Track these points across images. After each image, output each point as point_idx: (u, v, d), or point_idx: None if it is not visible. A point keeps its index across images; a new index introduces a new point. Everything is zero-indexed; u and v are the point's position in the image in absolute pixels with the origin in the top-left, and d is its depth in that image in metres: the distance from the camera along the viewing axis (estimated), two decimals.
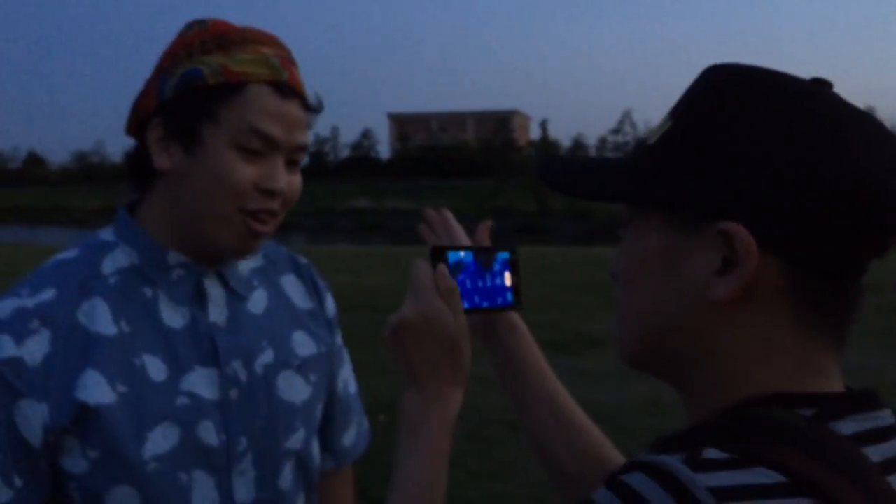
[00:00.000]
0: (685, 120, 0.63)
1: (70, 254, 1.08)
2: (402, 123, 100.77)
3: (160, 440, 1.01)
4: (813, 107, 0.59)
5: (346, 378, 1.30)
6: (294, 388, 1.15)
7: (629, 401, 5.48)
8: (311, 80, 1.10)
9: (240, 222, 1.03)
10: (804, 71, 0.67)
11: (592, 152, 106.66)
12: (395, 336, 0.82)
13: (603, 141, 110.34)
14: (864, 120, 0.61)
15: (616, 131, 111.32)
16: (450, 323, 0.81)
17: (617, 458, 0.94)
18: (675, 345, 0.65)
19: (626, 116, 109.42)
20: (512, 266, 0.92)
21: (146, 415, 1.01)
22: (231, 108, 1.02)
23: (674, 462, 0.55)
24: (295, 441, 1.14)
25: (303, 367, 1.17)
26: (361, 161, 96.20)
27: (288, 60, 1.06)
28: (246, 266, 1.17)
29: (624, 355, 0.70)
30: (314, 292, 1.24)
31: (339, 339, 1.28)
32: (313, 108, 1.10)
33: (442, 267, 0.83)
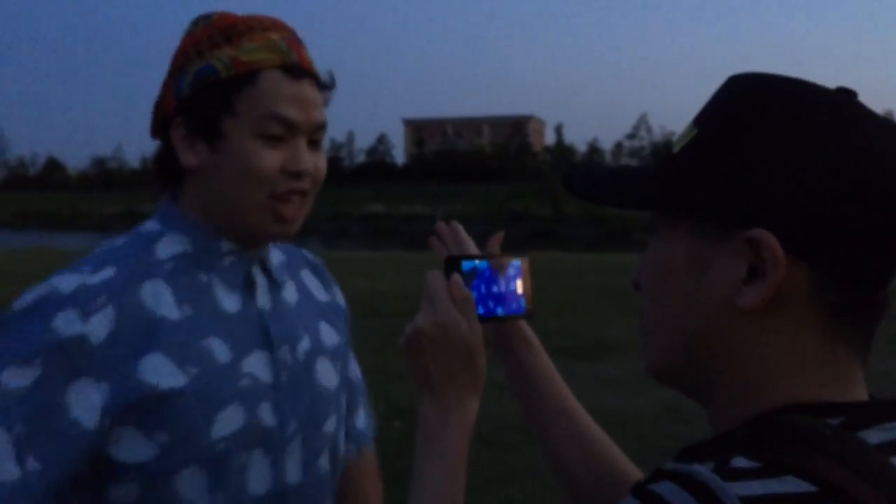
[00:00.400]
0: (710, 128, 0.63)
1: (118, 241, 1.08)
2: (418, 128, 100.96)
3: (228, 421, 1.02)
4: (838, 115, 0.60)
5: (353, 366, 1.34)
6: (328, 375, 1.18)
7: (646, 407, 5.44)
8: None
9: (269, 207, 1.05)
10: (822, 77, 0.68)
11: (608, 157, 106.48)
12: (410, 346, 0.82)
13: (618, 146, 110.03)
14: (890, 128, 0.61)
15: (632, 136, 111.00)
16: (465, 332, 0.81)
17: (633, 471, 0.93)
18: (702, 355, 0.64)
19: (642, 121, 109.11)
20: (524, 274, 0.92)
21: (216, 396, 1.02)
22: (247, 98, 1.03)
23: (704, 471, 0.54)
24: (329, 425, 1.17)
25: (333, 354, 1.20)
26: (377, 166, 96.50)
27: (294, 41, 1.07)
28: (276, 260, 1.19)
29: (651, 368, 0.69)
30: (328, 287, 1.28)
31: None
32: (326, 86, 1.10)
33: (456, 276, 0.83)
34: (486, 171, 79.72)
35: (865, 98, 0.64)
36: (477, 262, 0.87)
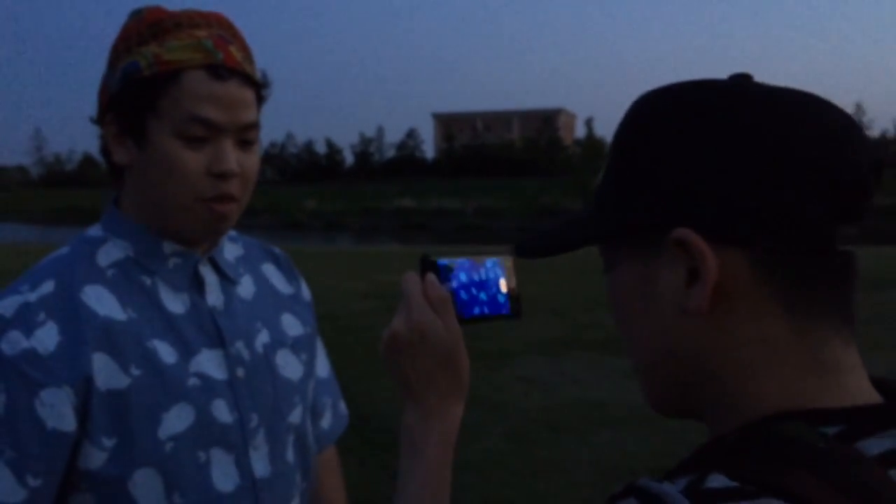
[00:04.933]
0: (616, 151, 0.64)
1: (63, 251, 1.09)
2: (447, 123, 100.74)
3: (175, 420, 1.02)
4: (724, 100, 0.59)
5: (323, 362, 1.33)
6: (291, 366, 1.18)
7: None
8: (355, 81, 1.09)
9: (200, 209, 1.04)
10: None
11: None
12: (388, 352, 0.79)
13: None
14: (782, 98, 0.59)
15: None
16: (442, 333, 0.77)
17: None
18: (680, 373, 0.62)
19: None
20: (508, 272, 0.87)
21: (160, 397, 1.02)
22: (169, 98, 1.01)
23: (671, 491, 0.51)
24: (295, 416, 1.17)
25: (295, 346, 1.20)
26: (406, 161, 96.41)
27: (223, 39, 1.04)
28: (231, 253, 1.19)
29: (652, 406, 0.67)
30: (292, 279, 1.28)
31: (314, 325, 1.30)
32: (256, 84, 1.07)
33: (431, 276, 0.80)
34: (516, 166, 79.27)
35: (838, 94, 0.61)
36: (455, 262, 0.83)
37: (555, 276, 10.59)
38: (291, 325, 1.23)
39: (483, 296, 0.85)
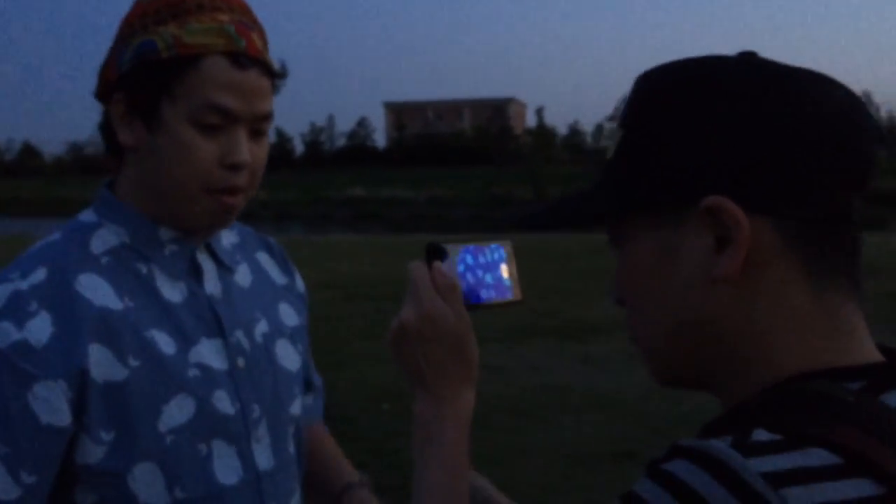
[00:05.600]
0: (633, 125, 0.65)
1: (55, 236, 1.05)
2: (399, 112, 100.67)
3: (175, 412, 1.00)
4: (748, 70, 0.62)
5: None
6: (289, 357, 1.16)
7: (635, 386, 5.46)
8: (306, 70, 1.07)
9: (207, 200, 1.01)
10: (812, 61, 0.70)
11: (589, 139, 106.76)
12: (397, 342, 0.79)
13: (599, 128, 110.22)
14: (790, 71, 0.62)
15: (612, 118, 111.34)
16: (453, 322, 0.78)
17: None
18: (699, 342, 0.63)
19: (622, 103, 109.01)
20: (509, 258, 0.89)
21: (160, 388, 0.99)
22: (186, 84, 0.98)
23: (722, 447, 0.52)
24: (295, 407, 1.16)
25: (292, 336, 1.19)
26: (357, 150, 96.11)
27: (245, 26, 1.02)
28: (227, 241, 1.16)
29: (658, 376, 0.68)
30: (286, 270, 1.25)
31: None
32: (276, 75, 1.05)
33: (438, 264, 0.80)
34: (468, 155, 79.66)
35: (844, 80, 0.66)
36: (459, 248, 0.84)
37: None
38: (288, 315, 1.20)
39: (488, 281, 0.85)
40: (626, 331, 0.70)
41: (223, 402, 1.04)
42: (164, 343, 1.01)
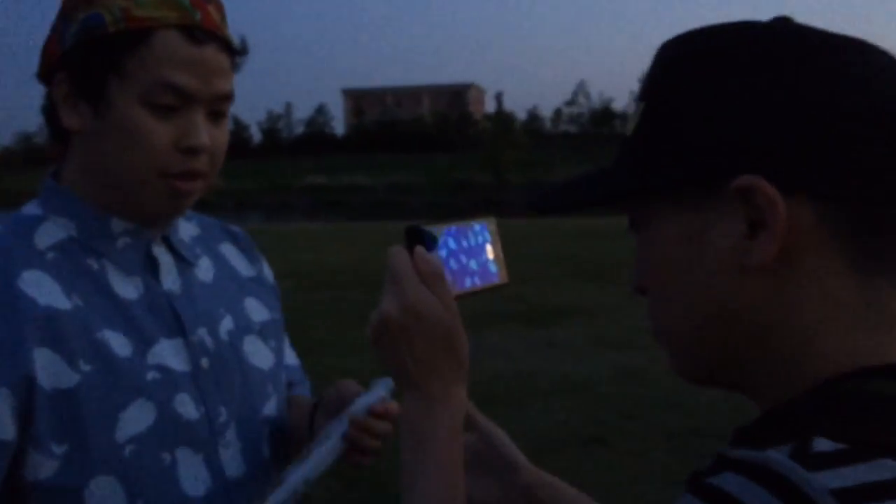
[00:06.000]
0: (657, 97, 0.59)
1: None
2: (357, 99, 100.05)
3: (134, 420, 0.91)
4: (785, 36, 0.56)
5: (289, 351, 1.24)
6: (260, 354, 1.08)
7: (599, 370, 5.47)
8: (261, 57, 0.99)
9: (162, 186, 0.93)
10: None
11: (548, 124, 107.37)
12: (379, 337, 0.71)
13: (558, 113, 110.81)
14: (833, 39, 0.57)
15: (570, 103, 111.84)
16: (441, 313, 0.70)
17: None
18: (730, 336, 0.57)
19: (581, 88, 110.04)
20: (493, 237, 0.81)
21: (115, 394, 0.90)
22: (137, 60, 0.90)
23: (781, 459, 0.46)
24: (270, 408, 1.07)
25: (262, 332, 1.10)
26: (316, 137, 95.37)
27: None
28: (186, 233, 1.08)
29: (682, 372, 0.62)
30: (254, 260, 1.17)
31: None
32: (235, 51, 0.97)
33: (421, 249, 0.72)
34: (428, 141, 79.54)
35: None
36: (442, 229, 0.75)
37: None
38: (256, 310, 1.11)
39: (473, 264, 0.77)
40: (650, 322, 0.63)
41: (186, 406, 0.96)
42: (119, 344, 0.93)
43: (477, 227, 0.79)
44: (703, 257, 0.56)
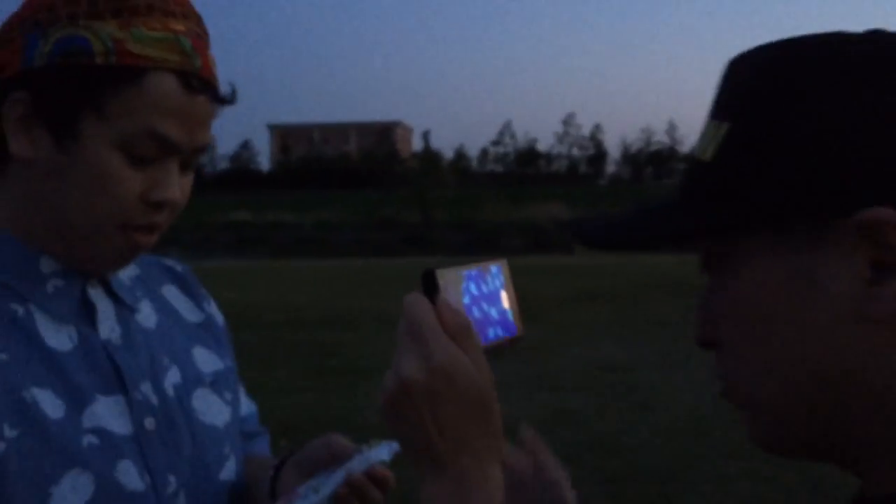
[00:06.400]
0: (746, 117, 0.51)
1: None
2: (284, 135, 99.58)
3: (69, 493, 0.81)
4: (888, 49, 0.49)
5: (243, 398, 1.13)
6: (213, 409, 0.97)
7: (534, 412, 5.41)
8: None
9: (120, 238, 0.85)
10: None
11: (474, 163, 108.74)
12: (396, 405, 0.59)
13: (484, 152, 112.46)
14: None
15: (497, 143, 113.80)
16: (474, 375, 0.59)
17: None
18: (842, 401, 0.49)
19: (507, 128, 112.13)
20: (506, 282, 0.71)
21: (47, 464, 0.80)
22: (122, 101, 0.81)
23: None
24: (227, 472, 0.96)
25: (214, 384, 1.00)
26: (241, 173, 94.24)
27: (201, 40, 0.85)
28: (125, 274, 0.97)
29: (772, 443, 0.53)
30: (201, 302, 1.06)
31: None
32: (225, 101, 0.90)
33: (444, 298, 0.61)
34: (354, 178, 79.60)
35: None
36: (463, 270, 0.65)
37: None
38: (206, 361, 0.99)
39: (494, 313, 0.67)
40: (719, 380, 0.53)
41: (129, 475, 0.85)
42: (50, 405, 0.82)
43: (494, 269, 0.69)
44: (811, 305, 0.48)
